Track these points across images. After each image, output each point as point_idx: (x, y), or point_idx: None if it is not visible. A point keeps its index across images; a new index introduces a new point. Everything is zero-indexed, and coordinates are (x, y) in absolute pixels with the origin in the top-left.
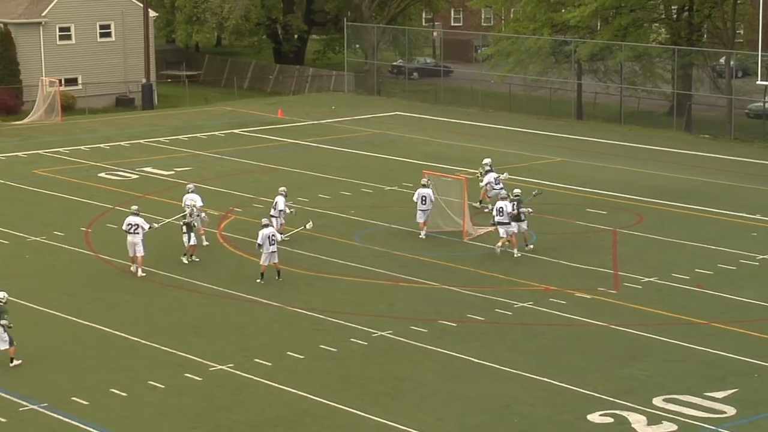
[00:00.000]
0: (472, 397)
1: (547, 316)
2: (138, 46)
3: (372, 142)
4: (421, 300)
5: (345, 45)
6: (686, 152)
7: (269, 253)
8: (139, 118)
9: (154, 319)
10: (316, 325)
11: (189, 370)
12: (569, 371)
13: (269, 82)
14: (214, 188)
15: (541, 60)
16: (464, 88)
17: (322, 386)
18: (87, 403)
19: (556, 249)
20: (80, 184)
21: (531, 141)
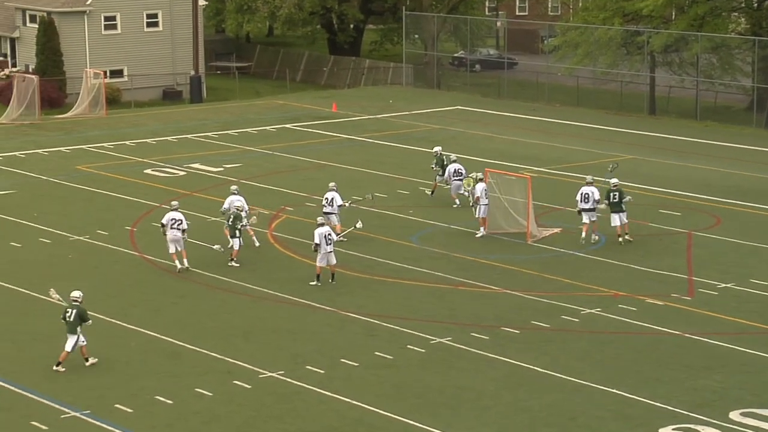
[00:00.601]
0: (536, 409)
1: (617, 323)
2: (186, 36)
3: (431, 138)
4: (482, 305)
5: (403, 35)
6: (767, 150)
7: (325, 253)
8: (187, 111)
9: (201, 323)
10: (371, 331)
11: (238, 377)
12: (640, 382)
13: (323, 75)
14: (265, 186)
15: (611, 51)
16: (529, 81)
17: (377, 395)
18: (131, 410)
19: (626, 252)
20: (125, 181)
21: (600, 137)
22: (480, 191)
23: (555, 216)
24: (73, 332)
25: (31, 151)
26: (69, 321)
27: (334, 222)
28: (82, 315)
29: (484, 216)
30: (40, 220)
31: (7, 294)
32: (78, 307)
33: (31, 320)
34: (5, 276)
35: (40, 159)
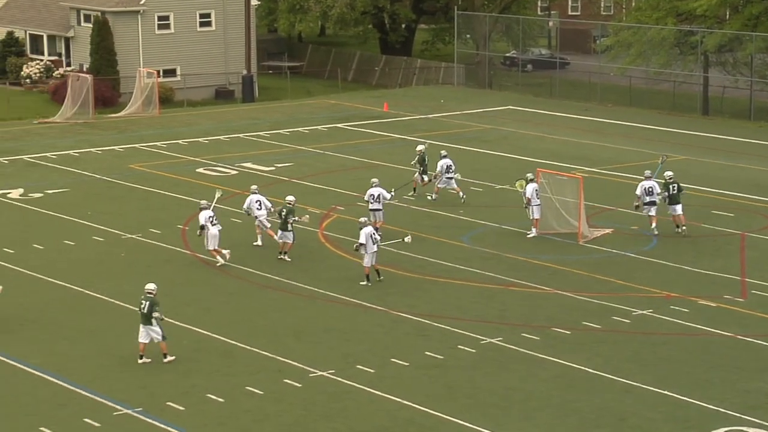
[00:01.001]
0: (586, 410)
1: (668, 324)
2: (239, 35)
3: (483, 138)
4: (533, 306)
5: (455, 35)
6: None
7: (372, 253)
8: (239, 111)
9: (252, 322)
10: (422, 331)
11: (288, 376)
12: (692, 384)
13: (375, 74)
14: (316, 185)
15: (664, 51)
16: (581, 81)
17: (428, 395)
18: (183, 408)
19: (678, 253)
20: (178, 180)
21: (652, 138)
22: (530, 192)
23: (606, 216)
24: (147, 323)
25: (84, 149)
26: (143, 313)
27: (380, 219)
28: (154, 306)
29: (537, 217)
30: (94, 219)
31: (61, 291)
32: (152, 299)
33: (84, 318)
34: (59, 274)
35: (93, 158)
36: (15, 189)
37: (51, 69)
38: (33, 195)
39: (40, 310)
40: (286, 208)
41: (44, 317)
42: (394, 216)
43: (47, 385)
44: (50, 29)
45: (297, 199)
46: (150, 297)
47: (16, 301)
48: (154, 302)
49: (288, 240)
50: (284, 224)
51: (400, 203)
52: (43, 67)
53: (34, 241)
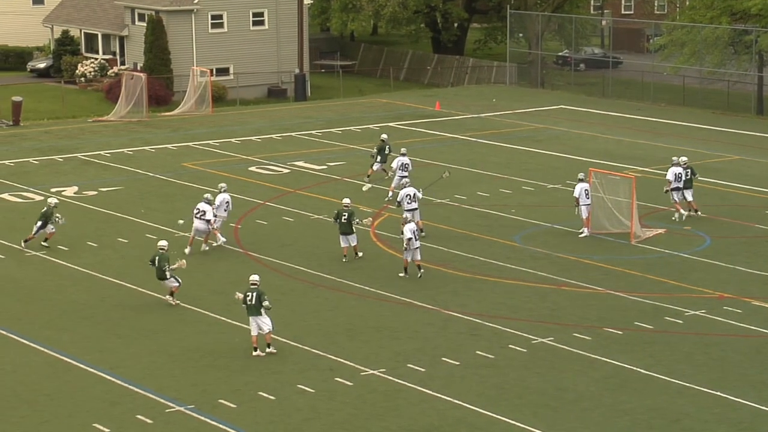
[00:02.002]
0: (638, 411)
1: (722, 325)
2: (291, 34)
3: (535, 137)
4: (585, 305)
5: (507, 34)
6: None
7: (414, 248)
8: (292, 109)
9: (304, 320)
10: (473, 330)
11: (339, 374)
12: (746, 386)
13: (427, 73)
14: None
15: (718, 51)
16: (634, 80)
17: (478, 395)
18: (234, 406)
19: (732, 254)
20: (230, 178)
21: (706, 137)
22: (578, 192)
23: (659, 216)
24: (256, 314)
25: (138, 148)
26: (251, 304)
27: (418, 217)
28: (261, 297)
29: (585, 216)
30: (147, 217)
31: (115, 289)
32: (257, 290)
33: (137, 315)
34: (113, 271)
35: (147, 156)
36: (70, 187)
37: (105, 68)
38: (87, 193)
39: (94, 308)
40: (348, 210)
41: (98, 314)
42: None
43: (100, 382)
44: (105, 28)
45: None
46: (255, 288)
47: (70, 298)
48: (261, 292)
49: (354, 242)
50: (348, 227)
51: (452, 202)
52: (97, 65)
53: (88, 238)
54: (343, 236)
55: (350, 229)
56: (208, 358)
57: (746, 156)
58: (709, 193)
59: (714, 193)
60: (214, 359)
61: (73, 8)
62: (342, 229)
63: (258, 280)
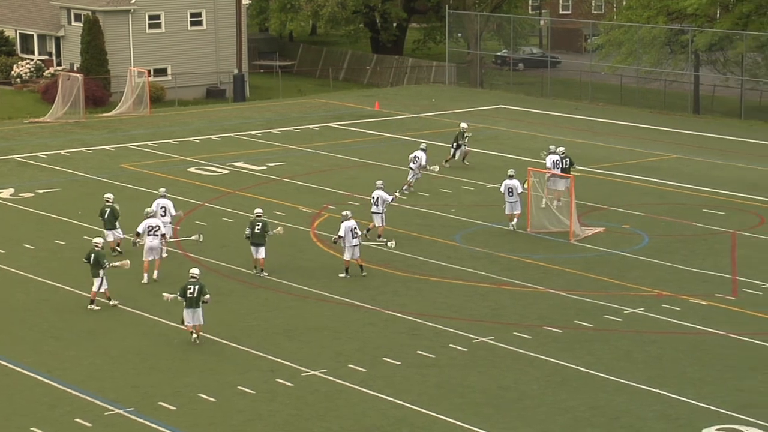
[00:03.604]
0: (579, 409)
1: (660, 323)
2: (230, 35)
3: (474, 137)
4: (525, 304)
5: (446, 34)
6: None
7: (351, 246)
8: (231, 110)
9: (244, 321)
10: (414, 330)
11: (280, 376)
12: (684, 383)
13: (366, 73)
14: (307, 184)
15: (655, 50)
16: (573, 79)
17: (419, 394)
18: (174, 408)
19: (670, 252)
20: (169, 179)
21: (644, 136)
22: (503, 188)
23: (598, 215)
24: (195, 306)
25: (75, 149)
26: (192, 297)
27: (377, 223)
28: (202, 290)
29: (508, 212)
30: (85, 218)
31: (53, 291)
32: (198, 283)
33: (76, 317)
34: (50, 274)
35: (84, 157)
36: (6, 189)
37: (41, 68)
38: (24, 195)
39: (32, 310)
40: (260, 221)
41: (35, 317)
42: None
43: (39, 385)
44: (40, 28)
45: (289, 198)
46: (196, 281)
47: (7, 301)
48: (202, 285)
49: (262, 256)
50: (261, 237)
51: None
52: (33, 66)
53: (24, 240)
54: (254, 247)
55: (263, 240)
56: (148, 360)
57: (683, 155)
58: (647, 191)
59: (652, 191)
60: (154, 361)
61: (7, 8)
62: (254, 240)
63: (198, 273)
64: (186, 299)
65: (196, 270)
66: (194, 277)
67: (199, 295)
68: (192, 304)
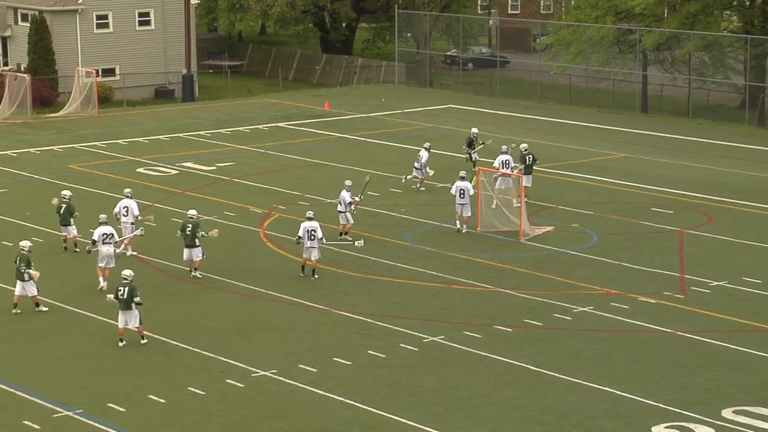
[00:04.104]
0: (528, 408)
1: (609, 321)
2: (178, 34)
3: (424, 136)
4: (475, 304)
5: (396, 34)
6: (759, 148)
7: (308, 247)
8: (180, 110)
9: (194, 322)
10: (364, 330)
11: (231, 376)
12: (633, 380)
13: (316, 73)
14: (257, 184)
15: (603, 50)
16: (522, 79)
17: (370, 394)
18: (123, 409)
19: (618, 250)
20: (117, 180)
21: (593, 136)
22: (454, 189)
23: (548, 214)
24: (126, 308)
25: (23, 150)
26: (122, 298)
27: (342, 221)
28: (133, 292)
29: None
30: (33, 219)
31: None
32: (129, 285)
33: (24, 319)
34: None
35: (32, 158)
36: None
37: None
38: None
39: None
40: (193, 222)
41: None
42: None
43: None
44: None
45: (239, 198)
46: (127, 283)
47: None
48: (133, 287)
49: (198, 257)
50: (192, 239)
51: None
52: None
53: None
54: (187, 249)
55: (194, 241)
56: (97, 362)
57: (631, 153)
58: (596, 190)
59: (601, 190)
60: (103, 363)
61: None
62: (186, 242)
63: (130, 275)
64: (117, 301)
65: (128, 272)
66: (125, 278)
67: (130, 297)
68: (123, 306)
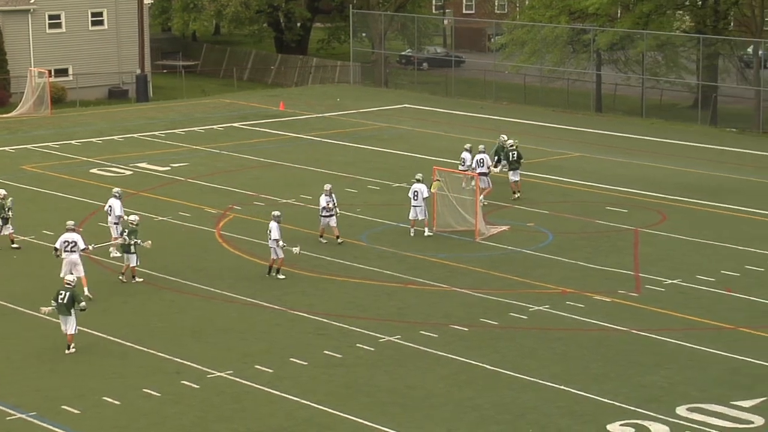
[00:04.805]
0: (485, 407)
1: (565, 320)
2: (132, 34)
3: (379, 136)
4: (432, 303)
5: (351, 34)
6: (712, 147)
7: (272, 248)
8: (133, 110)
9: (149, 324)
10: (321, 330)
11: (186, 378)
12: (588, 379)
13: (270, 73)
14: (212, 185)
15: (558, 49)
16: (477, 79)
17: (327, 394)
18: (78, 412)
19: (574, 249)
20: (71, 181)
21: (548, 135)
22: (411, 192)
23: (503, 214)
24: (66, 314)
25: None
26: (62, 303)
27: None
28: (75, 297)
29: (411, 217)
30: None
31: None
32: (71, 290)
33: None
34: None
35: None
36: None
37: None
38: None
39: None
40: (130, 228)
41: None
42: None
43: None
44: None
45: (194, 199)
46: (69, 288)
47: None
48: (75, 293)
49: (133, 263)
50: (128, 246)
51: (298, 202)
52: None
53: None
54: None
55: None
56: (50, 364)
57: (586, 153)
58: (551, 190)
59: (556, 189)
60: (56, 365)
61: None
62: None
63: (72, 280)
64: (57, 305)
65: (71, 277)
66: (68, 283)
67: (71, 303)
68: (62, 311)
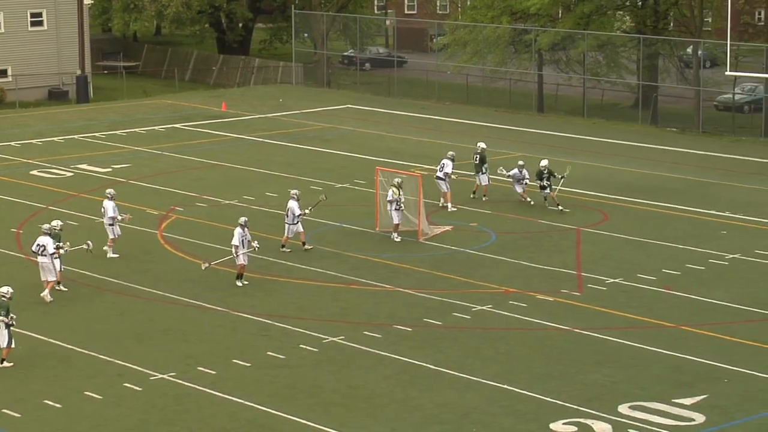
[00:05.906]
0: (428, 407)
1: (508, 319)
2: (72, 35)
3: (322, 136)
4: (375, 303)
5: (293, 34)
6: (652, 146)
7: (242, 253)
8: (74, 112)
9: (90, 326)
10: (263, 331)
11: (128, 380)
12: (531, 378)
13: (212, 74)
14: (154, 186)
15: (499, 50)
16: (419, 79)
17: (270, 395)
18: (19, 415)
19: (516, 249)
20: (10, 183)
21: (490, 135)
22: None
23: (446, 214)
24: None
25: None
26: None
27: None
28: (5, 311)
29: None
30: None
31: None
32: (4, 303)
33: None
34: None
35: None
36: None
37: None
38: None
39: None
40: (53, 233)
41: None
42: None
43: None
44: None
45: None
46: (5, 301)
47: None
48: (7, 305)
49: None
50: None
51: (241, 203)
52: None
53: None
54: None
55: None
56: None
57: (528, 153)
58: (492, 189)
59: (498, 189)
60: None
61: None
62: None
63: (8, 291)
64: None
65: (6, 288)
66: (3, 295)
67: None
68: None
